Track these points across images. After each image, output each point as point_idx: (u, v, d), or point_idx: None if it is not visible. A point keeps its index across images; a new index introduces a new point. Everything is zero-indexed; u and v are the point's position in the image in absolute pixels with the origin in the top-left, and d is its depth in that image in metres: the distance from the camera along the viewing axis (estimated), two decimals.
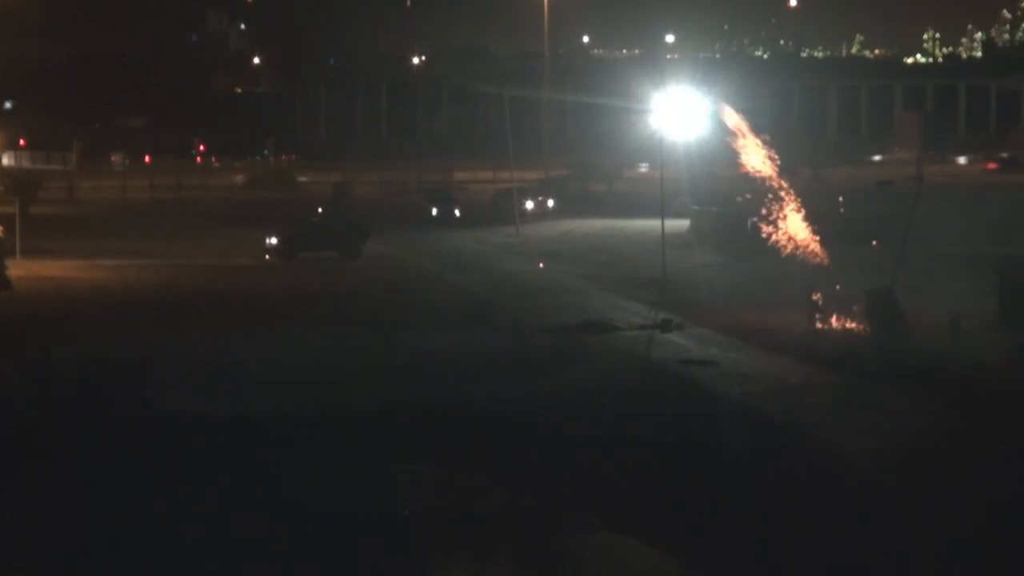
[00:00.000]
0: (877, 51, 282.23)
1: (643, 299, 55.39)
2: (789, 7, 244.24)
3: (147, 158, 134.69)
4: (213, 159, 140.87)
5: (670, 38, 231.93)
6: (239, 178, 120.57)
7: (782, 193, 54.46)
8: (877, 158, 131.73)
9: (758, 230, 56.96)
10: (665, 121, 64.52)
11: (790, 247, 53.68)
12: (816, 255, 52.91)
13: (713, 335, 47.84)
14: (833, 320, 49.07)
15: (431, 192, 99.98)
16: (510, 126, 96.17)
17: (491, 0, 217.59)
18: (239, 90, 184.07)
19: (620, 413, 36.51)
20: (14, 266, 61.45)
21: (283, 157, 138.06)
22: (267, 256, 69.39)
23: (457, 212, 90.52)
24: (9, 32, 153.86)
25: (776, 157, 54.78)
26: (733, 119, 55.39)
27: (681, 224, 75.33)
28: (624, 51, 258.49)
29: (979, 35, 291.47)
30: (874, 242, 62.05)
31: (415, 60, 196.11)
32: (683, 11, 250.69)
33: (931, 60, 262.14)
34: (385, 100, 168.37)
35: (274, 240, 70.01)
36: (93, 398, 30.59)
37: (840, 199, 78.20)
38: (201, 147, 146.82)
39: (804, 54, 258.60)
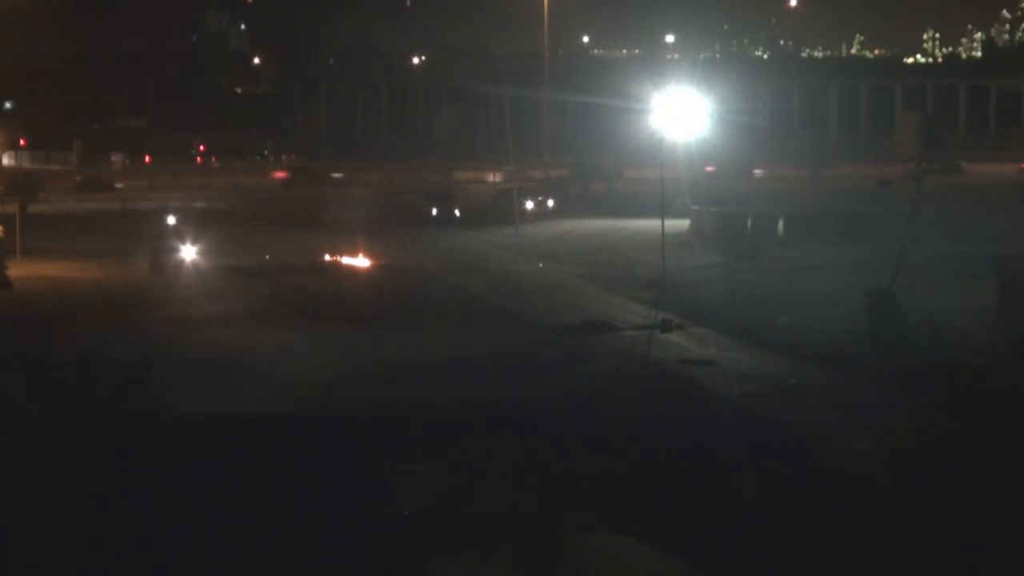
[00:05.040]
0: (877, 51, 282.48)
1: (643, 299, 55.36)
2: (789, 7, 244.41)
3: (147, 158, 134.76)
4: (213, 159, 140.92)
5: (670, 38, 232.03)
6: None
7: None
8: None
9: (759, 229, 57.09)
10: (665, 121, 64.60)
11: None
12: None
13: (713, 335, 47.81)
14: (832, 320, 49.02)
15: (431, 192, 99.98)
16: (510, 126, 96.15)
17: (491, 0, 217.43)
18: (239, 90, 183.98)
19: (620, 413, 36.46)
20: (14, 266, 61.49)
21: (283, 157, 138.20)
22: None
23: (457, 212, 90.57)
24: (9, 32, 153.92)
25: None
26: None
27: (681, 224, 75.31)
28: (624, 51, 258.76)
29: (979, 35, 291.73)
30: None
31: (415, 60, 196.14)
32: (683, 11, 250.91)
33: (931, 60, 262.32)
34: (385, 100, 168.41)
35: None
36: (93, 398, 30.59)
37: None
38: (201, 147, 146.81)
39: (804, 54, 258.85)
